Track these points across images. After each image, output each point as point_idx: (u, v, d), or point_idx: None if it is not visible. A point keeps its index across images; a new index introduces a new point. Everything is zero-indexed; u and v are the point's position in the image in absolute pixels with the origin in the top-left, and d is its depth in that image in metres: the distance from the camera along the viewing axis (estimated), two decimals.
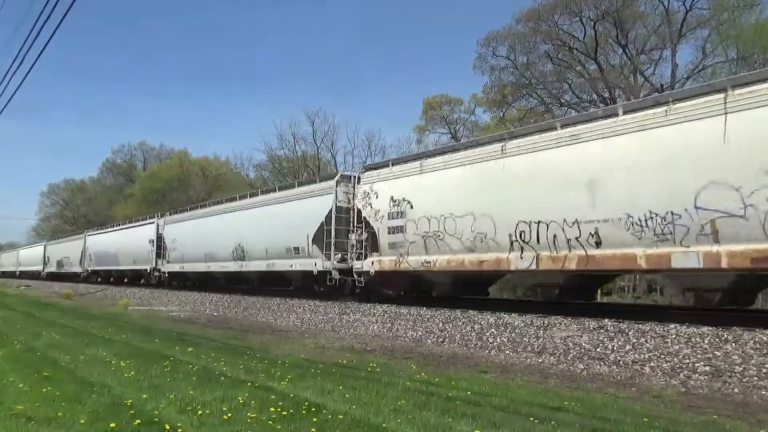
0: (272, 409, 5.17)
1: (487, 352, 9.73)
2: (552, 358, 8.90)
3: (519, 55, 34.34)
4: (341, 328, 13.08)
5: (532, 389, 6.69)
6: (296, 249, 17.48)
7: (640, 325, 9.07)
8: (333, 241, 15.84)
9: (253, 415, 4.95)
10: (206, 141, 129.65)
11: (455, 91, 48.37)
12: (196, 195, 51.78)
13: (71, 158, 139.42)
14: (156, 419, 4.82)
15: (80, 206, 77.69)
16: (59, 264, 44.32)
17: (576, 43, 32.51)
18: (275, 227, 18.60)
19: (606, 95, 31.58)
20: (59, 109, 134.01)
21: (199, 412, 5.07)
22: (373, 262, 14.90)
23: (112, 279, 35.73)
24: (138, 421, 4.72)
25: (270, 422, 4.78)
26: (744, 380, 7.01)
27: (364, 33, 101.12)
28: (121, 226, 34.34)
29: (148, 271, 28.91)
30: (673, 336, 8.42)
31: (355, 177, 16.46)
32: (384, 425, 4.79)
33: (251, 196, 21.91)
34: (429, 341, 10.94)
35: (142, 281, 31.50)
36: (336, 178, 16.52)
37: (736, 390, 6.81)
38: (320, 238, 16.32)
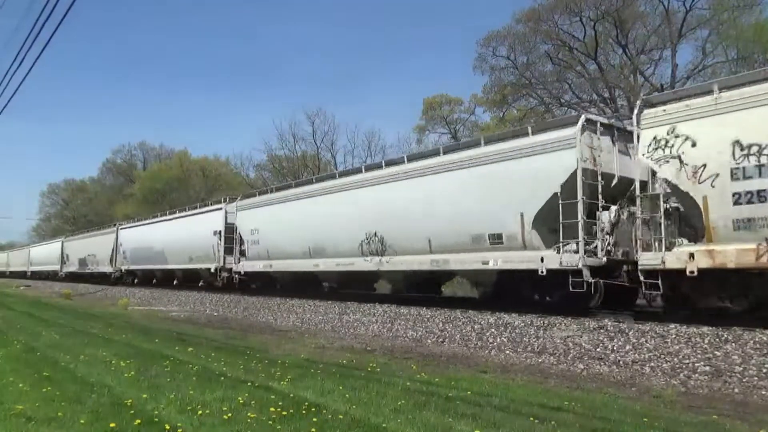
0: (272, 409, 5.17)
1: (487, 352, 9.72)
2: (552, 358, 8.90)
3: (519, 55, 34.33)
4: (341, 328, 13.08)
5: (532, 389, 6.69)
6: (496, 237, 11.75)
7: (640, 325, 9.08)
8: (581, 221, 10.27)
9: (253, 415, 4.95)
10: (206, 141, 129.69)
11: (455, 91, 48.43)
12: (196, 195, 51.74)
13: (71, 158, 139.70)
14: (156, 419, 4.82)
15: (80, 206, 77.70)
16: (82, 263, 39.04)
17: (576, 43, 32.48)
18: (449, 205, 12.68)
19: (606, 95, 31.59)
20: (59, 107, 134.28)
21: (199, 412, 5.07)
22: (692, 255, 8.93)
23: (154, 281, 30.02)
24: (138, 421, 4.72)
25: (270, 422, 4.78)
26: (744, 380, 7.01)
27: (365, 32, 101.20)
28: (169, 216, 28.05)
29: (213, 270, 22.70)
30: (673, 336, 8.43)
31: (601, 124, 11.01)
32: (384, 425, 4.79)
33: (388, 165, 15.37)
34: (429, 341, 10.94)
35: (201, 284, 25.35)
36: (580, 123, 10.57)
37: (736, 390, 6.81)
38: (544, 219, 11.01)
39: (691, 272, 9.03)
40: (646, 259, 9.61)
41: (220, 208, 22.81)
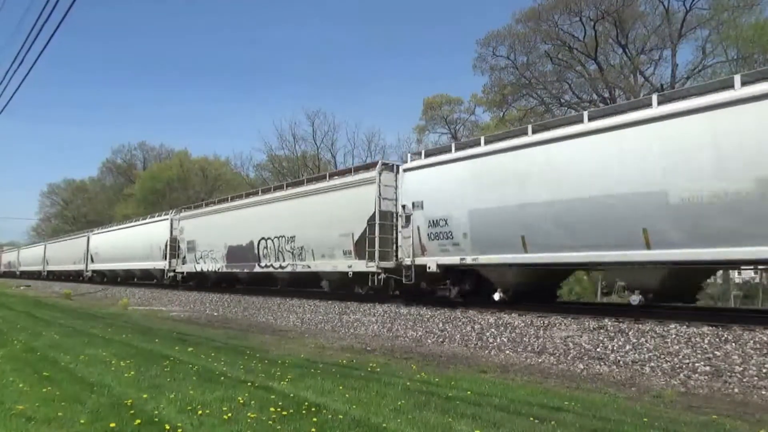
0: (272, 409, 5.17)
1: (487, 352, 9.73)
2: (552, 358, 8.90)
3: (519, 55, 34.37)
4: (341, 328, 13.08)
5: (532, 389, 6.69)
6: None
7: (640, 325, 9.07)
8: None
9: (253, 415, 4.95)
10: (206, 141, 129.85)
11: (455, 91, 48.54)
12: (196, 195, 51.77)
13: (71, 158, 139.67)
14: (156, 419, 4.82)
15: (80, 206, 77.71)
16: (239, 256, 20.62)
17: (576, 43, 32.49)
18: None
19: (606, 95, 31.58)
20: (59, 107, 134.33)
21: (199, 411, 5.07)
22: None
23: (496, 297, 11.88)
24: (138, 421, 4.72)
25: (270, 422, 4.78)
26: (744, 380, 7.01)
27: (366, 33, 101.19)
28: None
29: None
30: (673, 336, 8.43)
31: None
32: (384, 425, 4.79)
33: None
34: (429, 341, 10.94)
35: None
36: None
37: (736, 390, 6.81)
38: None
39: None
40: None
41: None
